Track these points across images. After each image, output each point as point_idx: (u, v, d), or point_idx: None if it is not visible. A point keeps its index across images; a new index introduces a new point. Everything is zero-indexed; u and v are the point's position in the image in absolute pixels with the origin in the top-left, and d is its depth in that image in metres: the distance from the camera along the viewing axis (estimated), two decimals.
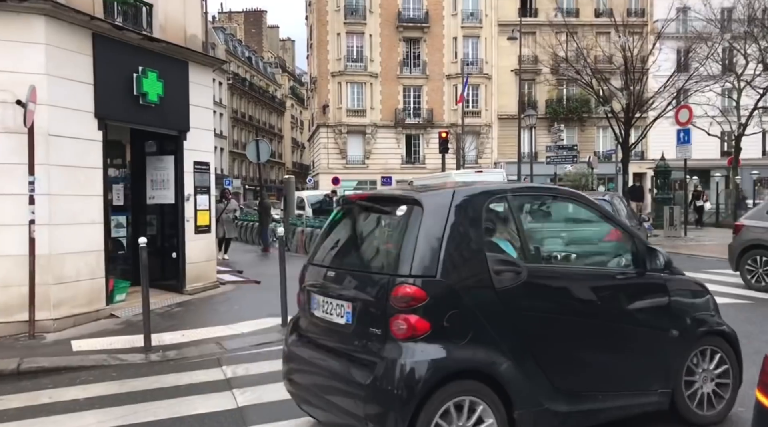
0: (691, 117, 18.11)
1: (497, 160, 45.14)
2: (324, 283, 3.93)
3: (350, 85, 43.43)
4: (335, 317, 3.74)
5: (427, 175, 25.16)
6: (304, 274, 4.23)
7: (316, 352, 3.88)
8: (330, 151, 43.70)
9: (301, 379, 4.02)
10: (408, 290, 3.32)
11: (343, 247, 4.17)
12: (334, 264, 3.99)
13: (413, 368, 3.26)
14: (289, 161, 79.34)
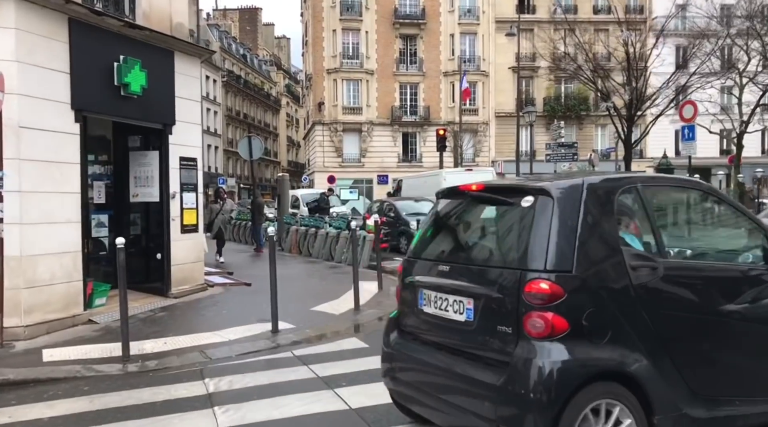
0: (696, 113, 17.60)
1: (495, 159, 44.69)
2: (436, 278, 3.74)
3: (346, 83, 42.87)
4: (452, 313, 3.58)
5: (416, 175, 24.76)
6: (407, 268, 4.05)
7: (427, 349, 3.75)
8: (326, 150, 43.13)
9: (409, 377, 3.87)
10: (543, 286, 3.16)
11: (455, 240, 4.03)
12: (448, 258, 3.81)
13: (553, 369, 3.10)
14: (284, 160, 78.68)
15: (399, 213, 16.53)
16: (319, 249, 15.76)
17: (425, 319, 3.82)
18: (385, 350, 4.09)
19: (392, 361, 4.01)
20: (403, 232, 15.99)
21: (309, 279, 11.72)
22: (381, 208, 17.47)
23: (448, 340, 3.63)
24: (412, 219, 15.74)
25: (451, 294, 3.59)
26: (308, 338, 7.26)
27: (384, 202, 18.03)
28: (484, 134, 44.77)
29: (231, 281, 10.92)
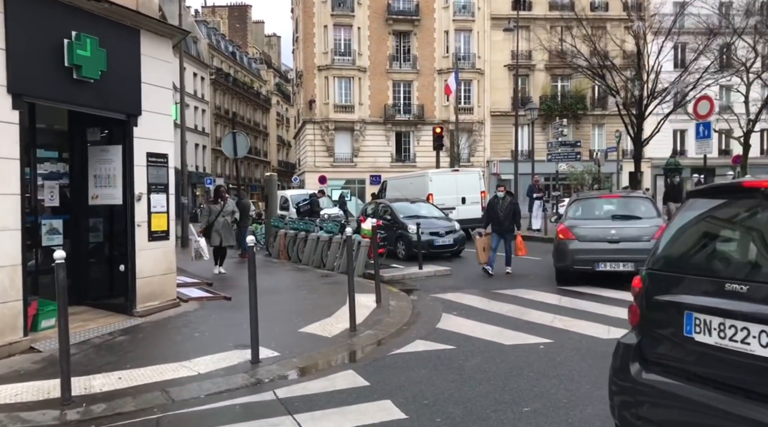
0: (713, 109, 16.49)
1: (490, 159, 43.59)
2: (722, 300, 2.99)
3: (338, 80, 41.57)
4: (757, 347, 2.84)
5: (401, 175, 23.68)
6: (656, 284, 3.33)
7: (700, 387, 3.06)
8: (317, 149, 41.81)
9: (666, 416, 3.21)
10: None
11: (750, 252, 3.15)
12: (744, 276, 2.98)
13: None
14: (274, 159, 77.20)
15: (396, 216, 15.31)
16: (309, 255, 14.48)
17: (698, 350, 3.09)
18: (622, 384, 3.44)
19: (636, 395, 3.33)
20: (401, 236, 14.77)
21: (297, 291, 10.44)
22: (376, 210, 16.20)
23: (745, 379, 2.90)
24: (411, 222, 14.56)
25: (755, 323, 2.83)
26: (295, 371, 5.99)
27: (379, 204, 16.75)
28: (479, 134, 43.62)
29: (208, 295, 9.61)
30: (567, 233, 10.11)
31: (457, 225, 15.24)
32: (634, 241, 9.53)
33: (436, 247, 14.34)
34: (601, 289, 9.84)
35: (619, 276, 9.66)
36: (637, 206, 10.73)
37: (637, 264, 9.00)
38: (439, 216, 15.76)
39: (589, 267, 9.70)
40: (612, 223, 10.16)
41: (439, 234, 14.51)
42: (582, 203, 11.30)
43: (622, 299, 8.63)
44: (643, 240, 9.39)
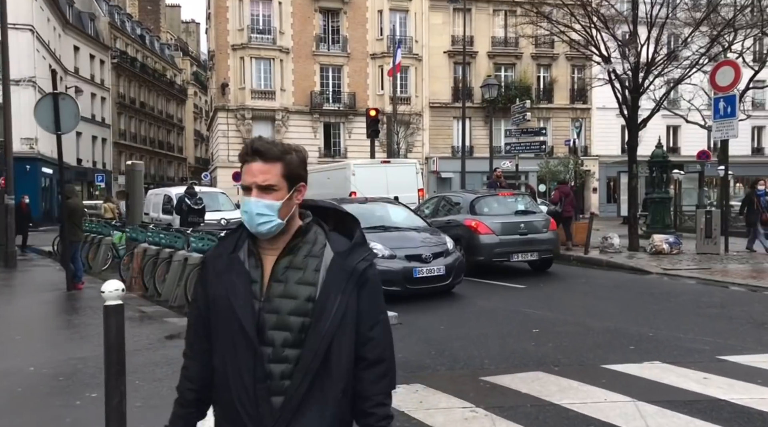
0: (738, 78, 12.39)
1: (429, 155, 39.19)
2: None
3: (255, 62, 35.93)
4: None
5: (317, 169, 18.59)
6: None
7: None
8: (231, 141, 35.98)
9: None
10: None
11: None
12: None
13: None
14: (191, 156, 70.24)
15: None
16: (171, 287, 9.16)
17: None
18: None
19: None
20: None
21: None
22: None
23: None
24: (372, 238, 8.91)
25: None
26: None
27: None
28: (418, 127, 39.05)
29: None
30: (484, 227, 10.59)
31: (450, 242, 9.26)
32: (538, 232, 10.91)
33: (416, 281, 8.46)
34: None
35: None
36: (526, 202, 11.94)
37: (540, 253, 10.88)
38: (420, 227, 9.76)
39: (506, 259, 10.70)
40: (518, 217, 11.05)
41: (422, 258, 8.58)
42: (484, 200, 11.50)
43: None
44: (543, 231, 10.98)
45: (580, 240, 14.24)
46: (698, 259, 12.21)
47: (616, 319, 7.15)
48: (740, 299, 8.32)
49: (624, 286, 9.63)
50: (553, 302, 8.46)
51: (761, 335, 6.22)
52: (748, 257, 12.54)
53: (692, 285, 9.64)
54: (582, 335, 6.42)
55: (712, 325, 6.73)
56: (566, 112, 41.36)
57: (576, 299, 8.64)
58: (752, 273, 10.44)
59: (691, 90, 29.21)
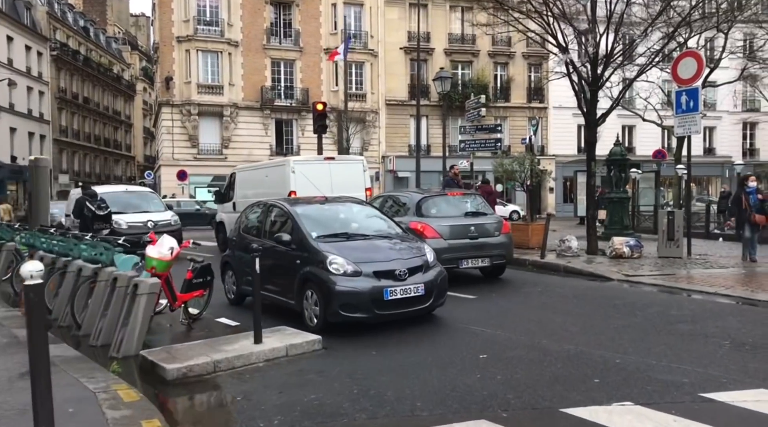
0: (701, 70, 11.66)
1: (385, 154, 38.15)
2: None
3: (202, 54, 34.18)
4: None
5: (253, 166, 17.24)
6: None
7: None
8: (176, 138, 34.16)
9: None
10: None
11: None
12: None
13: None
14: (140, 154, 67.46)
15: (302, 232, 7.32)
16: (61, 304, 7.76)
17: None
18: None
19: None
20: (312, 278, 6.81)
21: None
22: (262, 219, 8.51)
23: None
24: (333, 247, 6.95)
25: None
26: None
27: (268, 208, 8.55)
28: (373, 124, 37.98)
29: None
30: (431, 231, 9.64)
31: (431, 253, 7.35)
32: (490, 236, 10.02)
33: (388, 305, 6.60)
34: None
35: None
36: (477, 203, 10.85)
37: (492, 259, 9.93)
38: (393, 234, 7.79)
39: (454, 266, 9.40)
40: (468, 219, 10.18)
41: (395, 275, 6.71)
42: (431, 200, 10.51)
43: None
44: (495, 235, 10.07)
45: (536, 243, 13.33)
46: (660, 263, 11.41)
47: (576, 339, 6.13)
48: (712, 310, 7.44)
49: (584, 296, 8.68)
50: (505, 316, 7.42)
51: (745, 360, 5.28)
52: (713, 261, 11.81)
53: (657, 294, 8.76)
54: (537, 362, 5.36)
55: (687, 347, 5.77)
56: (523, 111, 40.92)
57: (531, 312, 7.63)
58: (719, 280, 9.64)
59: (647, 88, 29.05)
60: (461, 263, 9.69)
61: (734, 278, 9.76)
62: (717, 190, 37.31)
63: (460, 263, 9.67)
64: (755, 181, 11.86)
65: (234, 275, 8.69)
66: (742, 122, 42.44)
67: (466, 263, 9.76)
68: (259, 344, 5.84)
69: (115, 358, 5.91)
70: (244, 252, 8.18)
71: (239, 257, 8.51)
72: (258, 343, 5.84)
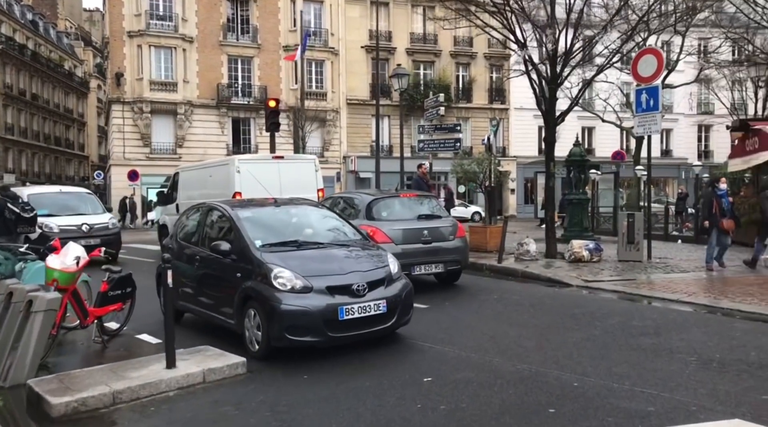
0: (661, 68, 11.32)
1: (347, 154, 37.44)
2: None
3: (155, 50, 32.88)
4: None
5: (196, 165, 16.36)
6: None
7: None
8: (127, 137, 32.79)
9: None
10: None
11: None
12: None
13: None
14: (94, 154, 65.13)
15: (243, 240, 6.35)
16: None
17: None
18: None
19: None
20: (254, 295, 5.85)
21: None
22: (199, 223, 7.55)
23: None
24: (279, 257, 6.02)
25: None
26: None
27: (207, 210, 7.53)
28: (334, 124, 37.23)
29: None
30: (381, 235, 8.95)
31: (394, 263, 6.47)
32: (444, 240, 9.51)
33: (343, 326, 5.69)
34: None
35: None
36: (431, 205, 10.28)
37: (446, 265, 9.41)
38: (352, 241, 6.90)
39: (406, 272, 7.97)
40: (421, 223, 9.62)
41: (353, 291, 5.80)
42: (383, 202, 9.89)
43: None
44: (449, 239, 9.55)
45: (494, 246, 12.83)
46: (620, 267, 11.01)
47: (531, 357, 5.56)
48: (675, 320, 6.97)
49: (541, 304, 8.15)
50: (457, 329, 6.82)
51: (714, 381, 4.77)
52: (673, 265, 11.47)
53: (618, 302, 8.30)
54: (487, 387, 4.76)
55: (651, 365, 5.24)
56: (485, 112, 40.75)
57: (485, 324, 7.04)
58: (681, 285, 9.26)
59: (606, 89, 29.08)
60: (413, 269, 9.04)
61: (696, 284, 9.39)
62: (674, 191, 37.75)
63: (413, 269, 9.02)
64: (726, 182, 11.16)
65: None
66: (697, 125, 43.15)
67: (419, 269, 9.16)
68: (171, 368, 5.07)
69: (1, 387, 5.08)
70: (181, 261, 7.37)
71: (176, 267, 7.67)
72: (170, 367, 5.08)
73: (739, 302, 7.88)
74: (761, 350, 5.64)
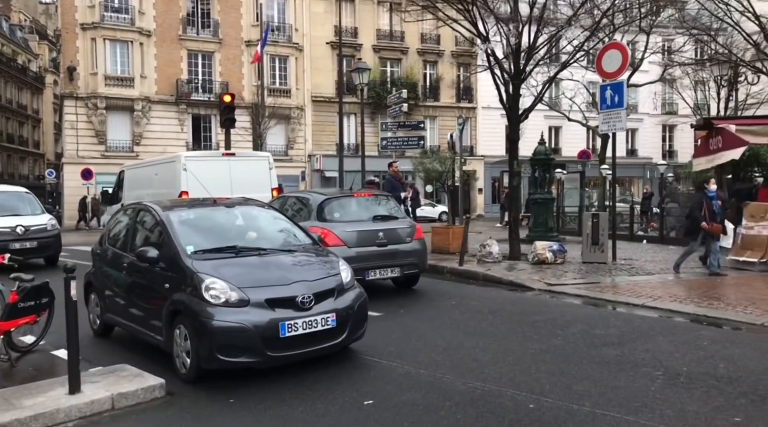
0: (626, 61, 11.00)
1: (312, 152, 36.70)
2: None
3: (110, 44, 31.63)
4: None
5: (144, 162, 15.60)
6: None
7: None
8: (81, 134, 31.48)
9: None
10: None
11: None
12: None
13: None
14: (51, 151, 62.87)
15: (174, 246, 5.60)
16: None
17: None
18: None
19: None
20: (184, 309, 5.14)
21: None
22: (130, 225, 6.78)
23: None
24: (207, 267, 5.29)
25: None
26: None
27: (137, 212, 6.80)
28: (299, 122, 36.46)
29: None
30: (333, 238, 8.30)
31: (347, 271, 5.84)
32: (401, 243, 8.96)
33: (285, 344, 5.02)
34: None
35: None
36: (388, 205, 9.65)
37: (403, 269, 8.87)
38: (300, 245, 6.22)
39: (360, 277, 7.71)
40: (376, 224, 9.00)
41: (297, 303, 5.13)
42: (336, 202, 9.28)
43: None
44: (407, 241, 9.03)
45: (457, 248, 12.36)
46: (584, 270, 10.65)
47: (486, 373, 5.06)
48: (640, 328, 6.57)
49: (501, 310, 7.68)
50: (409, 340, 6.29)
51: (682, 400, 4.33)
52: (638, 266, 11.16)
53: (581, 308, 7.89)
54: (434, 411, 4.23)
55: (614, 381, 4.79)
56: (452, 110, 40.41)
57: (440, 334, 6.53)
58: (646, 289, 8.91)
59: (572, 88, 29.02)
60: (368, 273, 8.48)
61: (661, 287, 9.04)
62: (640, 190, 38.04)
63: (367, 273, 8.46)
64: (715, 183, 10.42)
65: (98, 298, 7.06)
66: (662, 125, 43.62)
67: (374, 273, 8.58)
68: (75, 394, 4.42)
69: None
70: (109, 268, 6.65)
71: (104, 275, 6.91)
72: (74, 393, 4.42)
73: (705, 307, 7.54)
74: (729, 362, 5.24)
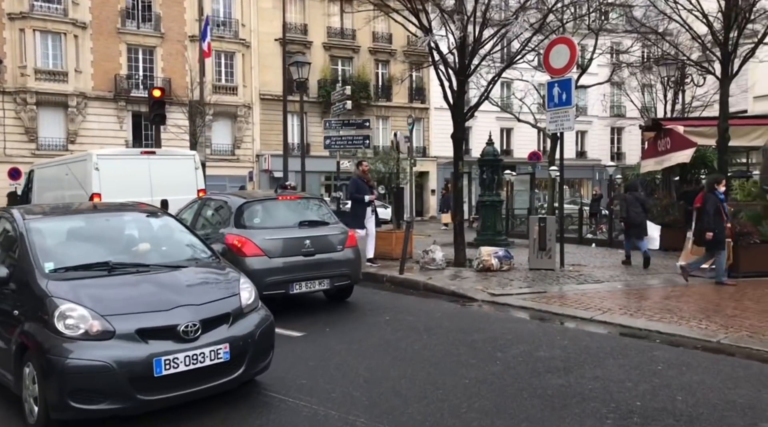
0: (574, 59, 10.43)
1: (260, 152, 35.49)
2: None
3: (41, 35, 29.69)
4: None
5: (54, 160, 14.40)
6: None
7: None
8: (8, 131, 29.44)
9: None
10: None
11: None
12: None
13: None
14: None
15: (29, 263, 4.55)
16: None
17: None
18: None
19: None
20: (27, 342, 4.20)
21: None
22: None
23: None
24: (65, 289, 4.28)
25: None
26: None
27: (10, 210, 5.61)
28: (246, 120, 35.19)
29: None
30: (251, 247, 7.45)
31: (248, 290, 4.80)
32: (331, 251, 8.04)
33: (162, 384, 4.05)
34: None
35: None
36: (319, 210, 8.72)
37: (333, 280, 8.00)
38: (194, 260, 5.20)
39: (283, 290, 7.50)
40: (302, 231, 7.99)
41: (178, 333, 4.15)
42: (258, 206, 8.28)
43: None
44: (337, 250, 8.11)
45: (400, 253, 11.58)
46: (531, 277, 10.02)
47: (408, 413, 4.25)
48: (588, 349, 5.88)
49: (439, 327, 6.91)
50: (326, 369, 5.42)
51: None
52: (587, 273, 10.59)
53: (525, 323, 7.20)
54: None
55: (557, 421, 4.05)
56: (405, 111, 39.79)
57: (364, 360, 5.70)
58: (595, 300, 8.30)
59: (522, 88, 28.77)
60: (292, 286, 7.62)
61: (611, 297, 8.46)
62: (589, 192, 38.24)
63: (291, 286, 7.61)
64: (725, 185, 9.51)
65: None
66: (610, 127, 44.08)
67: (299, 286, 7.70)
68: None
69: None
70: None
71: None
72: None
73: (657, 321, 6.95)
74: (688, 393, 4.58)
